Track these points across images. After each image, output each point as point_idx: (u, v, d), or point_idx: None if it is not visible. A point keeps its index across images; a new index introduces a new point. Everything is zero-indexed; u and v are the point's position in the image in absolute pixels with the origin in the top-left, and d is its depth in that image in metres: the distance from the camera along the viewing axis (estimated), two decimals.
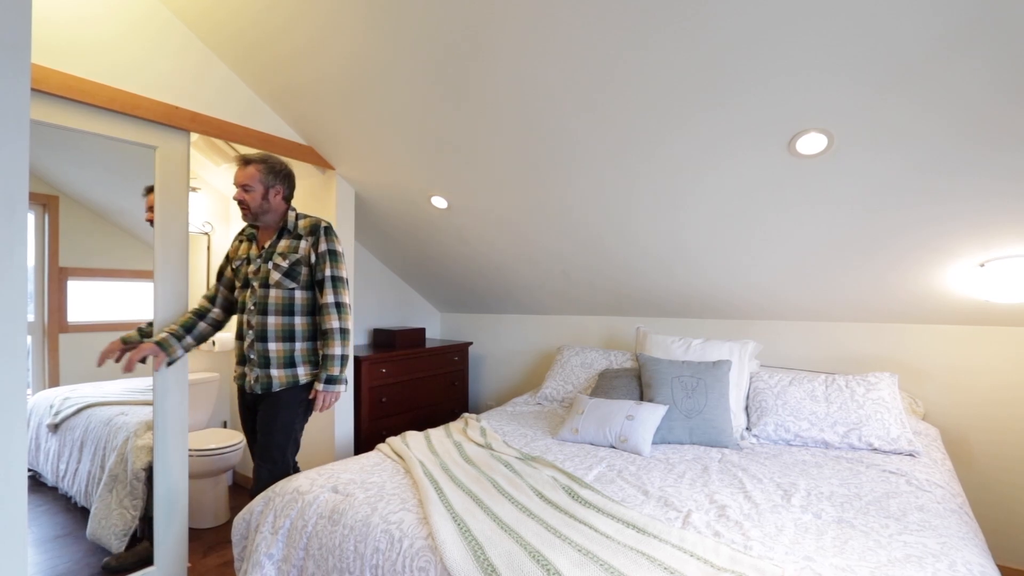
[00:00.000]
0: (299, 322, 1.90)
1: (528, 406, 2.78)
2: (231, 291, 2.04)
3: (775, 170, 1.76)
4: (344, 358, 1.90)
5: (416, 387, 3.17)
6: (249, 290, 1.92)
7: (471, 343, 3.61)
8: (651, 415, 2.08)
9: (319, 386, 1.87)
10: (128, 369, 1.82)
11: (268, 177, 1.88)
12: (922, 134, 1.49)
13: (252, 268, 1.92)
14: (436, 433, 2.18)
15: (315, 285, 1.92)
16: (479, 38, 1.61)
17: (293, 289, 1.89)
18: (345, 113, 2.17)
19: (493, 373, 3.73)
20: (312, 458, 2.64)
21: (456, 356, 3.47)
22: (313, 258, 1.90)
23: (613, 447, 2.06)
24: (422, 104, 1.96)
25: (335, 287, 1.90)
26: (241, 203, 1.88)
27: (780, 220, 1.97)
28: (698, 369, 2.25)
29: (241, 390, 1.98)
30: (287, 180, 1.94)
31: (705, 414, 2.12)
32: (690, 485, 1.67)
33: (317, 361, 1.94)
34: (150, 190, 1.99)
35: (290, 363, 1.88)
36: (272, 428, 1.87)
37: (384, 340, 3.28)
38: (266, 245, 1.93)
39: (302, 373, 1.90)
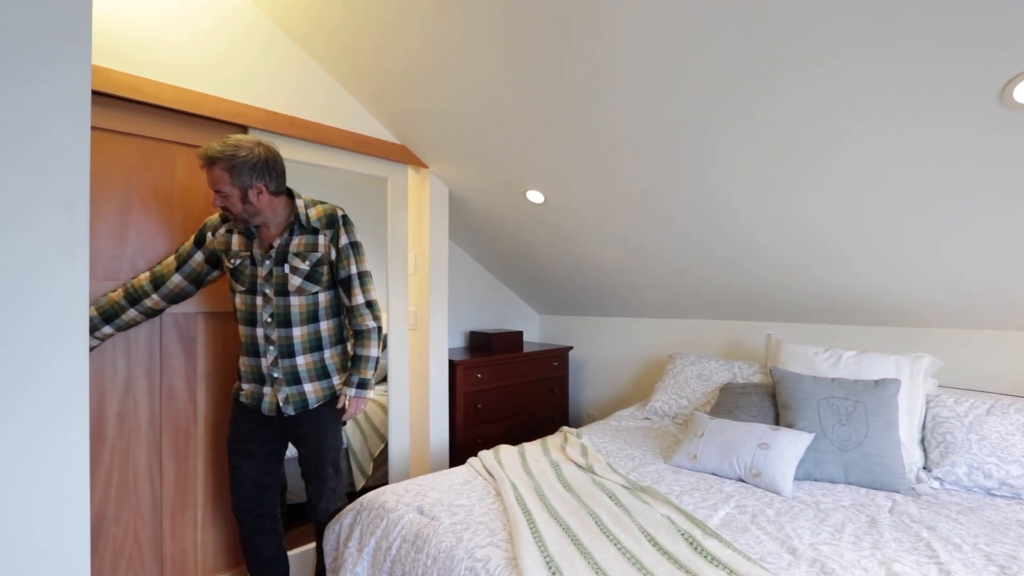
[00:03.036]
0: (325, 327, 1.67)
1: (635, 421, 2.48)
2: (195, 284, 1.69)
3: (979, 126, 1.31)
4: (377, 361, 1.71)
5: (513, 393, 3.01)
6: (260, 298, 1.61)
7: (571, 347, 3.37)
8: (792, 444, 1.69)
9: (350, 391, 1.65)
10: None
11: (240, 178, 1.48)
12: None
13: (262, 272, 1.60)
14: (532, 449, 1.98)
15: (338, 284, 1.69)
16: (577, 13, 1.38)
17: (316, 293, 1.64)
18: (437, 107, 2.06)
19: (595, 380, 3.46)
20: (408, 465, 2.58)
21: (556, 361, 3.26)
22: (334, 254, 1.65)
23: (742, 480, 1.71)
24: (515, 91, 1.77)
25: (363, 284, 1.68)
26: (223, 210, 1.55)
27: (982, 195, 1.49)
28: (854, 389, 1.81)
29: (252, 411, 1.67)
30: (267, 172, 1.52)
31: (866, 447, 1.68)
32: (854, 544, 1.29)
33: (347, 365, 1.73)
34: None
35: (323, 374, 1.66)
36: (322, 448, 1.69)
37: (480, 343, 3.17)
38: (275, 243, 1.61)
39: (337, 383, 1.69)
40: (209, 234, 1.68)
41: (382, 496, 1.59)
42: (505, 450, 1.95)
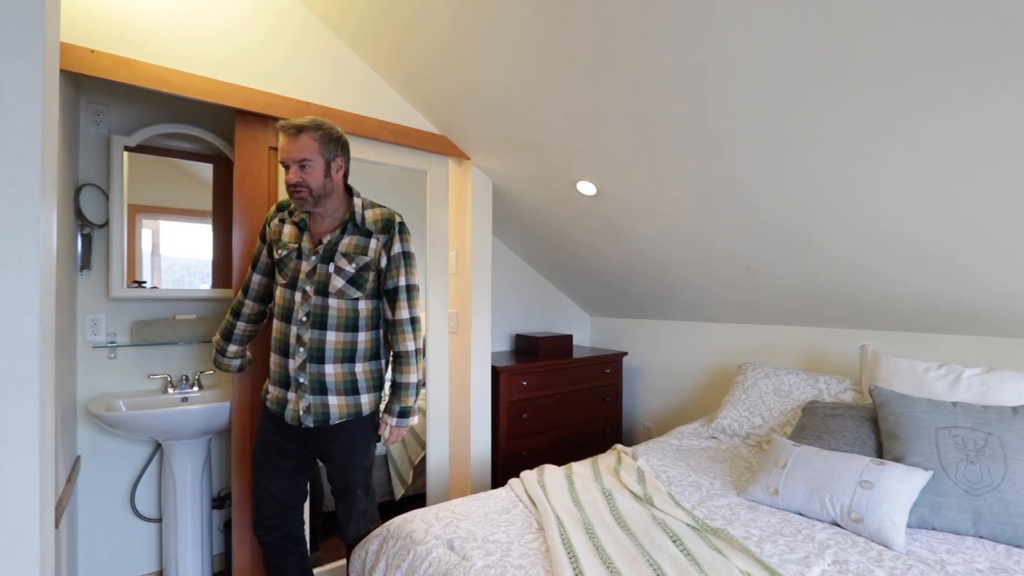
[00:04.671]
0: (363, 339, 1.52)
1: (698, 439, 2.19)
2: (270, 277, 1.64)
3: None
4: (421, 386, 1.57)
5: (561, 402, 2.78)
6: (299, 295, 1.50)
7: (626, 353, 3.10)
8: (903, 484, 1.37)
9: (391, 420, 1.52)
10: None
11: (328, 147, 1.46)
12: None
13: (306, 267, 1.50)
14: (581, 471, 1.76)
15: (383, 294, 1.55)
16: None
17: (357, 299, 1.51)
18: (478, 90, 1.87)
19: (651, 390, 3.17)
20: (447, 478, 2.42)
21: (608, 368, 3.00)
22: (384, 261, 1.52)
23: (837, 525, 1.41)
24: (564, 67, 1.55)
25: (410, 298, 1.54)
26: (297, 186, 1.44)
27: None
28: (984, 417, 1.46)
29: (276, 418, 1.55)
30: (346, 151, 1.53)
31: (1004, 492, 1.34)
32: None
33: (380, 385, 1.57)
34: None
35: (351, 389, 1.51)
36: (351, 468, 1.55)
37: (527, 347, 2.96)
38: (325, 239, 1.51)
39: (365, 402, 1.53)
40: (267, 226, 1.63)
41: (410, 524, 1.41)
42: (551, 472, 1.73)
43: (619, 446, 2.00)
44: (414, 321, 1.55)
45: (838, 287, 2.02)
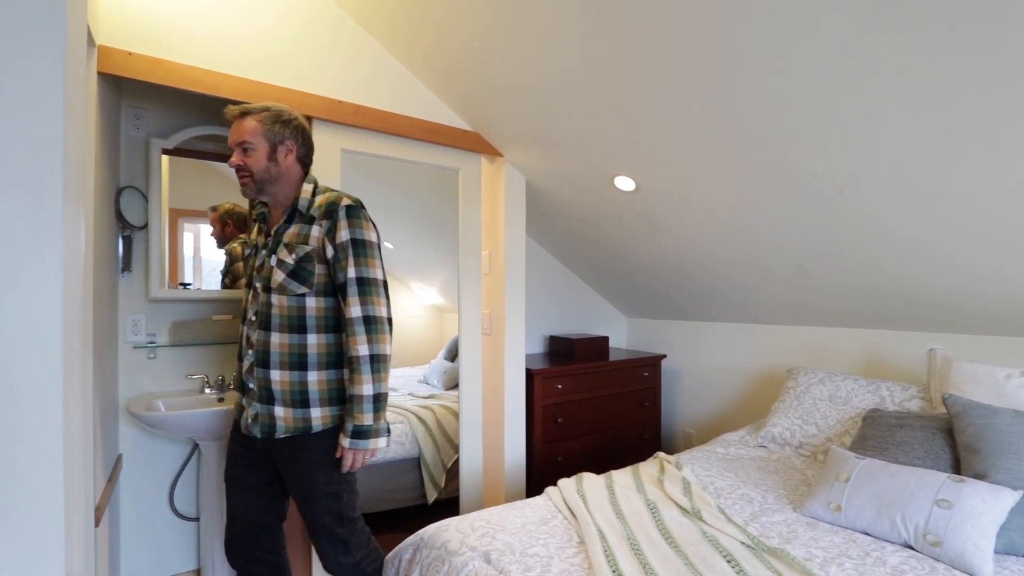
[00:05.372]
0: (314, 342, 1.33)
1: (746, 448, 2.07)
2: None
3: None
4: (380, 399, 1.30)
5: (598, 407, 2.69)
6: (251, 292, 1.40)
7: (664, 356, 2.98)
8: (988, 504, 1.23)
9: (344, 441, 1.28)
10: None
11: (274, 128, 1.35)
12: None
13: (256, 262, 1.41)
14: (622, 481, 1.67)
15: (337, 290, 1.36)
16: None
17: (303, 295, 1.32)
18: (511, 85, 1.81)
19: (693, 394, 3.03)
20: (481, 482, 2.36)
21: (647, 371, 2.89)
22: (330, 251, 1.32)
23: (911, 548, 1.28)
24: (600, 57, 1.47)
25: (363, 293, 1.31)
26: (240, 169, 1.34)
27: None
28: None
29: (236, 426, 1.44)
30: (299, 134, 1.40)
31: None
32: None
33: (341, 399, 1.36)
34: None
35: (301, 400, 1.31)
36: (312, 493, 1.33)
37: (561, 349, 2.88)
38: (273, 230, 1.39)
39: (317, 416, 1.32)
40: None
41: (445, 533, 1.36)
42: (590, 481, 1.65)
43: (661, 454, 1.90)
44: (369, 321, 1.30)
45: (904, 285, 1.87)
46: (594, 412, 2.67)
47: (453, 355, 3.53)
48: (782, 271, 2.14)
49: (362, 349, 1.29)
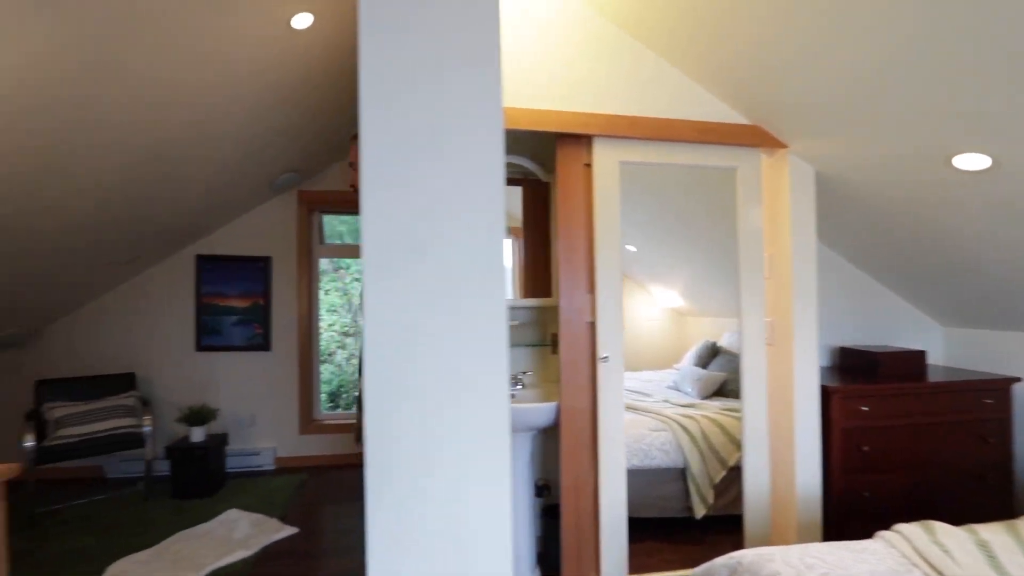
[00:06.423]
0: None
1: None
2: None
3: None
4: None
5: (916, 437, 2.19)
6: None
7: (1018, 379, 2.27)
8: None
9: None
10: None
11: None
12: None
13: None
14: (995, 540, 1.31)
15: None
16: None
17: None
18: (802, 69, 1.60)
19: None
20: (768, 507, 2.15)
21: (989, 397, 2.24)
22: None
23: None
24: (941, 15, 1.18)
25: None
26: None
27: None
28: None
29: None
30: None
31: None
32: None
33: None
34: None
35: None
36: None
37: (857, 364, 2.45)
38: None
39: None
40: None
41: (771, 564, 1.26)
42: (947, 534, 1.34)
43: None
44: None
45: None
46: (911, 443, 2.19)
47: (704, 361, 3.34)
48: None
49: None
